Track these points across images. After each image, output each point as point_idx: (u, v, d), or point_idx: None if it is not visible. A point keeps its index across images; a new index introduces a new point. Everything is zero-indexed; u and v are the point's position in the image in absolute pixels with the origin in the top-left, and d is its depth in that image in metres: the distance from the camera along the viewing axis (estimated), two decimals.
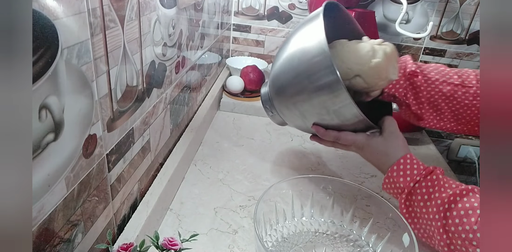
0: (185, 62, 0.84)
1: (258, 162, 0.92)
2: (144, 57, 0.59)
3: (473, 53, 1.31)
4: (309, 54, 0.57)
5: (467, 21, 1.27)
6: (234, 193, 0.80)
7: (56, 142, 0.39)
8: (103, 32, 0.45)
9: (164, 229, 0.69)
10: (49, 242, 0.41)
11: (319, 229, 0.69)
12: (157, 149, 0.73)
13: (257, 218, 0.57)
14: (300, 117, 0.64)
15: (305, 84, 0.58)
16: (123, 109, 0.55)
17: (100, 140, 0.49)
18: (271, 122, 0.78)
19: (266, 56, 1.44)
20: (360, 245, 0.66)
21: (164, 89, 0.72)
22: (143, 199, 0.66)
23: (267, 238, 0.65)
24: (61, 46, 0.37)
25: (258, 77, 1.20)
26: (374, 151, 0.63)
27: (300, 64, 0.58)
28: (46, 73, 0.35)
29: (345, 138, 0.64)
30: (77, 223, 0.46)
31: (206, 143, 0.99)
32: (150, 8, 0.58)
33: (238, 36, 1.43)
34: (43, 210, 0.39)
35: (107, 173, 0.52)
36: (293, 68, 0.60)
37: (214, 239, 0.67)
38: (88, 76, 0.44)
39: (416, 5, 1.27)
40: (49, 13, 0.35)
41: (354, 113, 0.58)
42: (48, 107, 0.37)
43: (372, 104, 0.70)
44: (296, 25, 1.35)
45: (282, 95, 0.64)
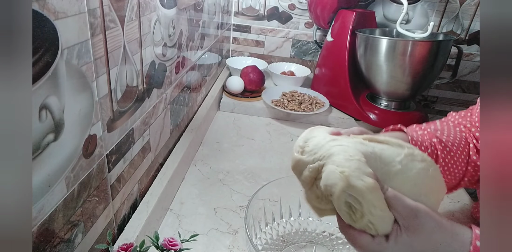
0: (185, 63, 0.84)
1: (258, 162, 0.92)
2: (144, 57, 0.59)
3: (473, 53, 1.31)
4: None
5: (467, 21, 1.27)
6: (234, 193, 0.80)
7: (56, 142, 0.39)
8: (103, 32, 0.45)
9: (164, 229, 0.69)
10: (49, 242, 0.41)
11: (316, 229, 0.69)
12: (157, 149, 0.73)
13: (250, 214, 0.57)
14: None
15: None
16: (123, 109, 0.55)
17: (100, 140, 0.49)
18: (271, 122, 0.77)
19: (266, 57, 1.44)
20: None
21: (164, 90, 0.72)
22: (143, 199, 0.66)
23: (262, 235, 0.65)
24: (61, 46, 0.37)
25: (258, 77, 1.20)
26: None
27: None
28: (46, 73, 0.35)
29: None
30: (77, 223, 0.46)
31: (206, 143, 0.99)
32: (150, 9, 0.58)
33: (238, 37, 1.43)
34: (43, 210, 0.39)
35: (107, 173, 0.52)
36: None
37: (214, 239, 0.67)
38: (88, 76, 0.44)
39: (416, 5, 1.27)
40: (49, 13, 0.35)
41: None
42: (48, 108, 0.37)
43: None
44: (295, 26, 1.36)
45: None
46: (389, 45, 0.98)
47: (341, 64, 1.13)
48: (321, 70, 1.23)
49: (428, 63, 0.98)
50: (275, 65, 1.36)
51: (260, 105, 1.16)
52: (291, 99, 1.15)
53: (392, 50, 0.98)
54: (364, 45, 1.04)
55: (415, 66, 0.98)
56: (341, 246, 0.66)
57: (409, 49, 0.96)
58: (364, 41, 1.05)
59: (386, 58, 1.00)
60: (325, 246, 0.66)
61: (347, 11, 1.12)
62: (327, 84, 1.20)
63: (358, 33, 1.06)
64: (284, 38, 1.41)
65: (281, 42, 1.42)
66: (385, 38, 0.99)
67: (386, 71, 1.02)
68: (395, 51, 0.98)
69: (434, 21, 1.25)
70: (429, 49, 0.96)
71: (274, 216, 0.68)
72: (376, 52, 1.00)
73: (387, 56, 0.99)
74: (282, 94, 1.19)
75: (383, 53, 0.99)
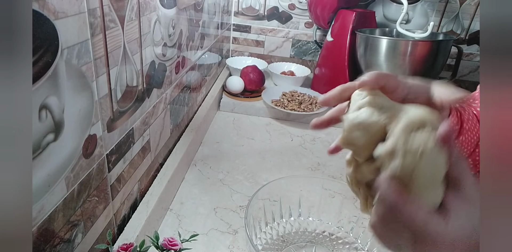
0: (185, 63, 0.84)
1: (258, 162, 0.92)
2: (144, 57, 0.59)
3: (473, 53, 1.31)
4: None
5: (467, 21, 1.27)
6: (234, 193, 0.80)
7: (56, 142, 0.39)
8: (103, 32, 0.45)
9: (164, 229, 0.69)
10: (49, 242, 0.41)
11: (316, 229, 0.69)
12: (157, 149, 0.73)
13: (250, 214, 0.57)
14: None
15: None
16: (123, 109, 0.55)
17: (100, 140, 0.48)
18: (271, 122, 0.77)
19: (266, 56, 1.44)
20: (357, 248, 0.66)
21: (164, 90, 0.72)
22: (143, 199, 0.66)
23: (262, 235, 0.65)
24: (61, 46, 0.37)
25: (258, 77, 1.20)
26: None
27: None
28: (46, 73, 0.35)
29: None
30: (77, 223, 0.46)
31: (206, 143, 0.99)
32: (150, 8, 0.58)
33: (238, 36, 1.43)
34: (43, 210, 0.39)
35: (107, 173, 0.52)
36: None
37: (214, 239, 0.67)
38: (88, 76, 0.44)
39: (416, 5, 1.27)
40: (49, 13, 0.35)
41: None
42: (48, 108, 0.37)
43: None
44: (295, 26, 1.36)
45: None
46: (389, 45, 0.98)
47: (341, 64, 1.13)
48: (321, 70, 1.23)
49: (428, 63, 0.98)
50: (275, 65, 1.36)
51: (260, 105, 1.16)
52: (291, 99, 1.15)
53: (392, 50, 0.98)
54: (364, 45, 1.04)
55: (415, 66, 0.98)
56: (341, 246, 0.66)
57: (409, 49, 0.96)
58: (364, 41, 1.05)
59: (386, 58, 1.00)
60: (325, 246, 0.66)
61: (347, 11, 1.12)
62: (327, 84, 1.20)
63: (358, 33, 1.06)
64: (284, 38, 1.41)
65: (281, 42, 1.42)
66: (385, 38, 0.99)
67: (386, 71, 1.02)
68: (395, 51, 0.98)
69: (434, 21, 1.25)
70: (429, 49, 0.96)
71: (274, 216, 0.68)
72: (376, 52, 1.00)
73: (387, 56, 0.99)
74: (282, 94, 1.19)
75: (383, 53, 0.99)
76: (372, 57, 1.02)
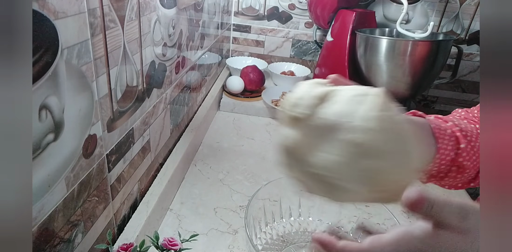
0: (185, 63, 0.84)
1: (258, 162, 0.92)
2: (144, 57, 0.59)
3: (473, 53, 1.31)
4: None
5: (467, 21, 1.27)
6: (234, 193, 0.80)
7: (56, 142, 0.39)
8: (103, 32, 0.45)
9: (164, 229, 0.69)
10: (49, 242, 0.41)
11: (316, 229, 0.69)
12: (157, 149, 0.73)
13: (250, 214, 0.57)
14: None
15: None
16: (123, 109, 0.55)
17: (100, 140, 0.48)
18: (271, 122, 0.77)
19: (266, 56, 1.44)
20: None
21: (164, 90, 0.72)
22: (143, 199, 0.66)
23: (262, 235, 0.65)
24: (61, 46, 0.37)
25: (258, 77, 1.20)
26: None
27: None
28: (46, 73, 0.35)
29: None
30: (77, 223, 0.46)
31: (206, 143, 0.99)
32: (150, 8, 0.58)
33: (238, 36, 1.43)
34: (43, 210, 0.39)
35: (107, 173, 0.52)
36: None
37: (214, 239, 0.67)
38: (88, 76, 0.43)
39: (416, 5, 1.27)
40: (49, 13, 0.35)
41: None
42: (48, 108, 0.37)
43: None
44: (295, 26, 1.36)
45: None
46: (389, 45, 0.98)
47: (341, 64, 1.12)
48: (321, 70, 1.23)
49: (428, 63, 0.98)
50: (275, 65, 1.36)
51: (260, 105, 1.16)
52: None
53: (392, 50, 0.98)
54: (364, 45, 1.04)
55: (415, 66, 0.98)
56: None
57: (409, 49, 0.96)
58: (364, 41, 1.05)
59: (386, 58, 0.99)
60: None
61: (347, 11, 1.12)
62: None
63: (358, 33, 1.06)
64: (284, 38, 1.41)
65: (281, 42, 1.42)
66: (385, 38, 0.99)
67: (386, 71, 1.02)
68: (395, 51, 0.98)
69: (434, 21, 1.25)
70: (429, 49, 0.96)
71: (274, 216, 0.68)
72: (376, 52, 1.00)
73: (387, 56, 0.99)
74: (282, 94, 1.19)
75: (383, 53, 0.99)
76: (372, 57, 1.02)
